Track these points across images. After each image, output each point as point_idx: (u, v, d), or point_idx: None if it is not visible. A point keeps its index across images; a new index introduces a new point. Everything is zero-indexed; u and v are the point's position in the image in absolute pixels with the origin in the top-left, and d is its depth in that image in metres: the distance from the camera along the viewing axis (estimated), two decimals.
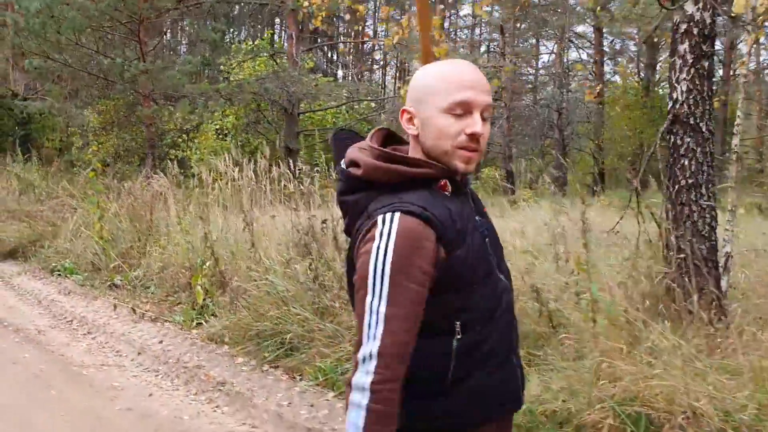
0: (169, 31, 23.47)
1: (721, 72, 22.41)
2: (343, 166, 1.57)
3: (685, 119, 5.01)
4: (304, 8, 5.98)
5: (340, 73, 37.67)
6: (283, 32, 28.47)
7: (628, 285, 4.87)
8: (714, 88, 5.05)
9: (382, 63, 39.87)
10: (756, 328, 3.99)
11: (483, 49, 35.20)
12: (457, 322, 1.47)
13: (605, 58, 23.82)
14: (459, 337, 1.47)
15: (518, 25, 27.11)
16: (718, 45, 20.77)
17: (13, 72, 19.46)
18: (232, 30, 28.16)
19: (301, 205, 5.91)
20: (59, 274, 8.16)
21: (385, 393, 1.37)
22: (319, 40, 26.30)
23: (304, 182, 7.01)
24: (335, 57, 37.81)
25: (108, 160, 14.86)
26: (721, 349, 3.66)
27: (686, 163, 5.01)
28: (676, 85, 5.08)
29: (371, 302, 1.38)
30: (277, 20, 30.31)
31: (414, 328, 1.41)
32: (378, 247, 1.38)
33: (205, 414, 4.16)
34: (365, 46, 34.42)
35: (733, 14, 5.21)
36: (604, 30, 20.43)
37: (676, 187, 5.06)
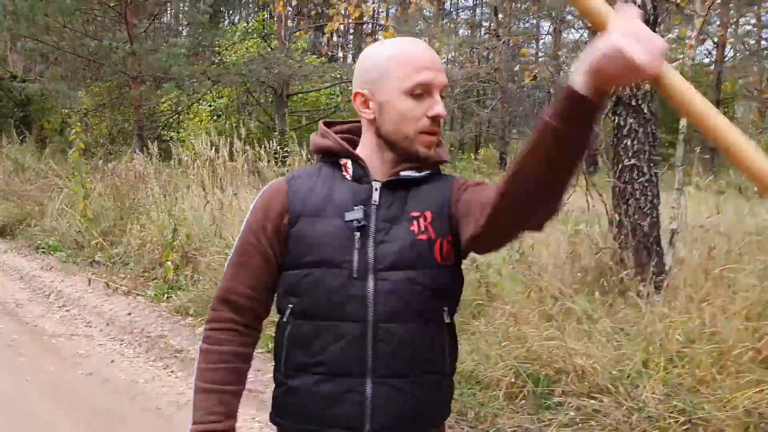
0: (168, 12, 23.66)
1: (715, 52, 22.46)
2: None
3: (628, 101, 5.22)
4: None
5: (340, 54, 37.61)
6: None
7: (573, 258, 5.12)
8: None
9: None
10: (684, 300, 4.23)
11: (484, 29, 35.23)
12: (290, 306, 1.43)
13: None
14: (284, 320, 1.45)
15: (518, 5, 27.08)
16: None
17: (11, 54, 19.70)
18: (230, 12, 28.30)
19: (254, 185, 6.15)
20: (44, 252, 8.45)
21: (210, 332, 1.46)
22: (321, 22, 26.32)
23: (279, 162, 7.26)
24: (336, 38, 37.82)
25: (102, 140, 15.14)
26: (637, 319, 3.90)
27: (629, 143, 5.23)
28: None
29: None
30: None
31: (246, 279, 1.46)
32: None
33: (160, 378, 4.45)
34: (365, 27, 34.49)
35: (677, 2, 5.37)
36: None
37: (620, 166, 5.28)
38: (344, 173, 1.46)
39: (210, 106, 17.56)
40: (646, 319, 3.40)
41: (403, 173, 1.44)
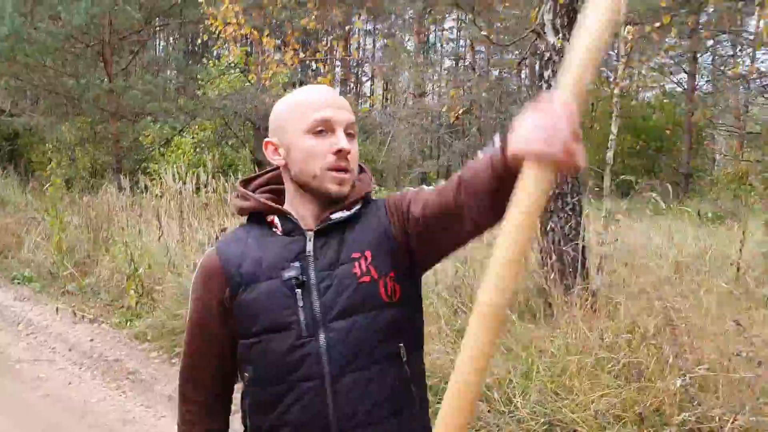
0: (156, 47, 24.26)
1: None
2: None
3: None
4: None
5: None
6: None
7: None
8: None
9: (370, 75, 40.58)
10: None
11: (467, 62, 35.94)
12: (246, 374, 1.43)
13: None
14: (244, 390, 1.45)
15: (500, 36, 27.76)
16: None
17: None
18: (215, 46, 28.90)
19: (220, 216, 6.55)
20: (19, 282, 8.79)
21: (182, 411, 1.54)
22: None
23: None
24: (322, 70, 38.36)
25: (84, 174, 15.53)
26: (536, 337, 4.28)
27: None
28: None
29: None
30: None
31: (202, 355, 1.50)
32: None
33: (111, 398, 4.80)
34: (350, 60, 35.20)
35: None
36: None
37: None
38: (274, 229, 1.45)
39: (193, 138, 18.01)
40: (541, 335, 3.78)
41: (333, 216, 1.42)
